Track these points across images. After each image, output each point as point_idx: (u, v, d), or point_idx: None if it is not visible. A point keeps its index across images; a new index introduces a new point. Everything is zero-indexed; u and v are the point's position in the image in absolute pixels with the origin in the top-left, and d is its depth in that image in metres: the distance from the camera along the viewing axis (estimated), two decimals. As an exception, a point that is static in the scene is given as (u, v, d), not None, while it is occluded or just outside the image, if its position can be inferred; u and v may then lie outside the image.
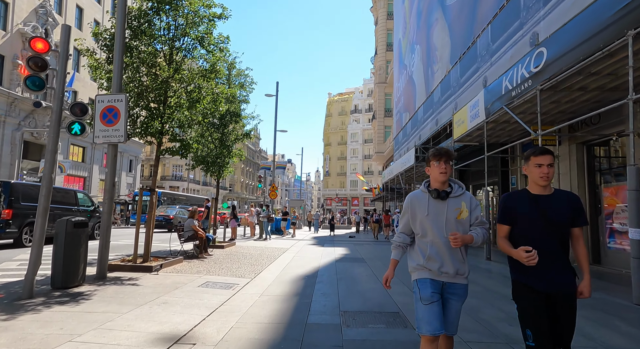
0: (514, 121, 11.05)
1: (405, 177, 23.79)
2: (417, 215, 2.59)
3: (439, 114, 18.49)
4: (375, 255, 11.86)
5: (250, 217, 17.80)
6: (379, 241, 18.67)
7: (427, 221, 2.54)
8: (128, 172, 43.92)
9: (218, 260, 9.45)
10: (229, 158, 12.69)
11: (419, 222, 2.59)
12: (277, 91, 25.37)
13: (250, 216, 17.81)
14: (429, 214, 2.54)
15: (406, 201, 2.73)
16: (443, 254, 2.56)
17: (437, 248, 2.56)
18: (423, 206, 2.57)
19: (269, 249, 12.72)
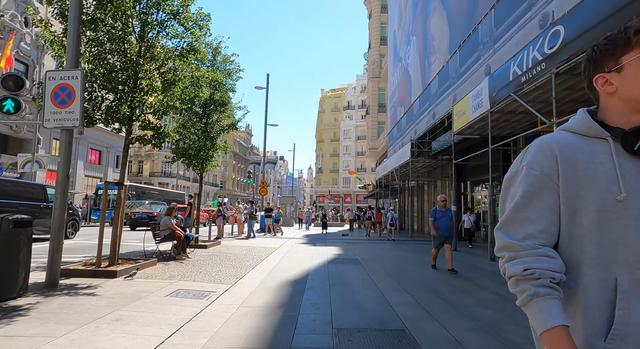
0: (521, 111, 10.28)
1: (401, 173, 23.02)
2: (588, 199, 0.98)
3: (436, 107, 17.69)
4: (371, 255, 11.02)
5: (238, 215, 16.84)
6: (372, 239, 17.87)
7: (625, 216, 0.96)
8: (115, 169, 42.58)
9: (198, 262, 8.53)
10: (212, 151, 11.73)
11: (593, 221, 0.98)
12: (267, 83, 24.39)
13: (238, 213, 16.85)
14: (630, 195, 0.96)
15: (535, 157, 1.05)
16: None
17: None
18: (605, 175, 0.98)
19: (256, 249, 11.82)
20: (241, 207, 16.93)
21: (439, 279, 7.17)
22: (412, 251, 12.46)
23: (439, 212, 8.31)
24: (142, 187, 31.69)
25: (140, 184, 63.90)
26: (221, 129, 11.81)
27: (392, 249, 12.97)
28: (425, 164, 21.17)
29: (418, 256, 11.11)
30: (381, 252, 12.10)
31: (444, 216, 8.28)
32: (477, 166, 16.51)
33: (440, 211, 8.33)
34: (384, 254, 11.35)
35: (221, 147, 11.96)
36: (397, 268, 8.62)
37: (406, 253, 11.76)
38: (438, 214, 8.29)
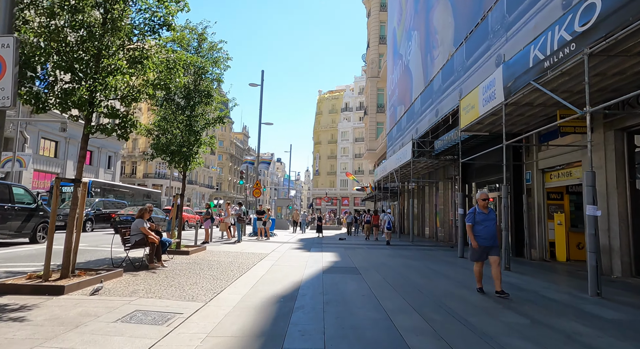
0: (539, 103, 9.25)
1: (401, 174, 21.98)
2: None
3: (440, 104, 16.68)
4: (371, 263, 9.94)
5: (226, 218, 15.72)
6: (371, 244, 16.80)
7: None
8: (106, 169, 41.46)
9: (173, 272, 7.42)
10: (197, 147, 10.63)
11: None
12: (262, 80, 23.32)
13: (227, 216, 15.73)
14: None
15: None
16: None
17: None
18: None
19: (244, 256, 10.71)
20: (229, 210, 15.81)
21: (452, 295, 6.10)
22: (416, 258, 11.38)
23: (480, 215, 6.24)
24: (109, 185, 27.46)
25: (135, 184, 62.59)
26: (206, 122, 10.71)
27: (394, 256, 11.89)
28: (427, 165, 20.14)
29: (423, 264, 10.03)
30: (382, 259, 11.02)
31: (487, 219, 6.21)
32: (483, 166, 15.48)
33: (481, 214, 6.24)
34: (385, 262, 10.27)
35: (207, 142, 10.86)
36: (402, 279, 7.54)
37: (409, 261, 10.69)
38: (478, 217, 6.25)
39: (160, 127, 10.45)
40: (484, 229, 6.17)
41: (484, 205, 6.30)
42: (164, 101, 10.33)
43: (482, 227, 6.17)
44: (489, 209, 6.34)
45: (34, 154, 30.97)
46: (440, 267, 9.42)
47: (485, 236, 6.16)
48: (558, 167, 10.97)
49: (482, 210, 6.28)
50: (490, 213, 6.30)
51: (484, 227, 6.17)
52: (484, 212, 6.26)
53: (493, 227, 6.19)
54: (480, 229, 6.19)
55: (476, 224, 6.23)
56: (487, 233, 6.16)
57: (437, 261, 10.78)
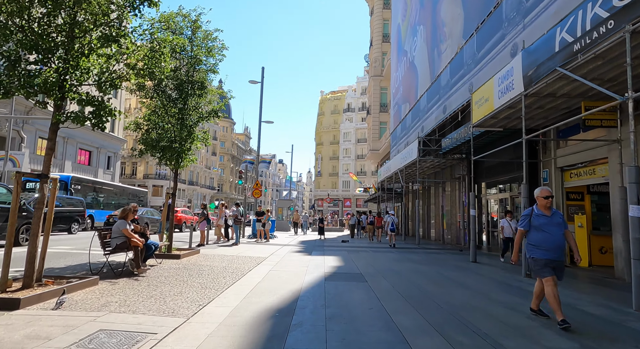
0: (562, 94, 8.43)
1: (406, 174, 21.16)
2: None
3: (448, 100, 15.90)
4: (377, 269, 9.14)
5: (219, 219, 14.91)
6: (375, 247, 16.00)
7: None
8: (106, 170, 40.91)
9: (157, 279, 6.64)
10: (190, 143, 9.88)
11: None
12: (262, 77, 22.59)
13: (220, 217, 14.91)
14: None
15: None
16: None
17: None
18: None
19: (240, 260, 9.93)
20: (223, 211, 14.99)
21: (475, 309, 5.29)
22: (425, 263, 10.57)
23: (539, 218, 4.62)
24: (91, 182, 24.67)
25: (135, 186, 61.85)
26: (200, 116, 9.95)
27: (401, 261, 11.09)
28: (433, 164, 19.33)
29: (434, 270, 9.22)
30: (388, 264, 10.22)
31: (550, 223, 4.56)
32: (494, 165, 14.68)
33: (541, 216, 4.63)
34: (392, 267, 9.46)
35: (200, 138, 10.10)
36: (414, 288, 6.74)
37: (419, 266, 9.88)
38: (537, 221, 4.62)
39: (151, 121, 9.71)
40: (546, 237, 4.51)
41: (546, 204, 4.64)
42: (154, 93, 9.58)
43: (544, 234, 4.53)
44: (553, 210, 4.69)
45: (31, 153, 30.35)
46: (453, 273, 8.61)
47: (547, 247, 4.47)
48: (579, 165, 10.15)
49: (544, 211, 4.64)
50: (554, 216, 4.63)
51: (546, 235, 4.51)
52: (545, 214, 4.62)
53: (559, 234, 4.54)
54: (539, 238, 4.55)
55: (534, 231, 4.62)
56: (551, 243, 4.47)
57: (448, 266, 9.98)
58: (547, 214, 4.63)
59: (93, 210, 22.50)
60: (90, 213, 21.89)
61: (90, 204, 22.67)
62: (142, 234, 7.50)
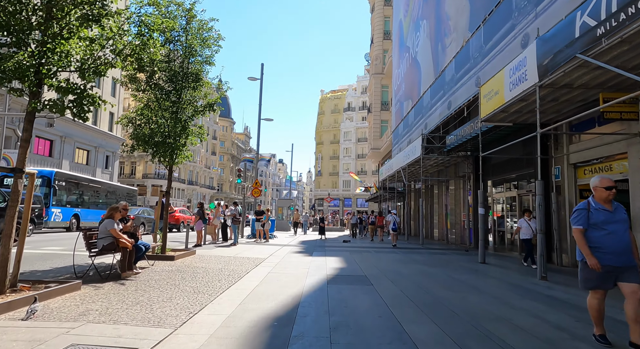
0: (580, 85, 7.93)
1: (409, 173, 20.68)
2: None
3: (453, 96, 15.40)
4: (382, 270, 8.64)
5: (214, 219, 14.39)
6: (377, 247, 15.50)
7: None
8: (104, 169, 40.45)
9: (146, 283, 6.15)
10: (184, 138, 9.39)
11: None
12: (261, 74, 22.11)
13: (216, 216, 14.38)
14: None
15: None
16: None
17: None
18: None
19: (237, 261, 9.43)
20: (219, 210, 14.46)
21: (495, 318, 4.80)
22: (432, 264, 10.07)
23: (600, 213, 3.72)
24: (77, 178, 22.40)
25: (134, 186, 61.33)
26: (195, 110, 9.46)
27: (406, 262, 10.59)
28: (437, 162, 18.85)
29: (442, 272, 8.73)
30: (393, 265, 9.72)
31: (613, 220, 3.69)
32: (501, 163, 14.18)
33: (601, 211, 3.72)
34: (398, 269, 8.97)
35: (195, 133, 9.60)
36: (424, 292, 6.24)
37: (426, 268, 9.38)
38: (596, 217, 3.71)
39: (144, 116, 9.22)
40: (610, 237, 3.63)
41: (608, 197, 3.72)
42: (146, 86, 9.09)
43: (606, 234, 3.65)
44: (615, 205, 3.77)
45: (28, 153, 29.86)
46: (464, 276, 8.11)
47: (612, 249, 3.61)
48: (595, 161, 9.66)
49: (604, 205, 3.73)
50: (617, 211, 3.74)
51: (609, 235, 3.63)
52: (607, 209, 3.72)
53: (625, 233, 3.67)
54: (601, 238, 3.66)
55: (593, 229, 3.71)
56: (616, 244, 3.60)
57: (457, 268, 9.48)
58: (608, 209, 3.72)
59: (79, 209, 21.52)
60: (75, 212, 20.83)
61: (75, 202, 21.55)
62: (132, 235, 7.01)
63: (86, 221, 21.46)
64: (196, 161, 70.83)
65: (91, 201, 23.50)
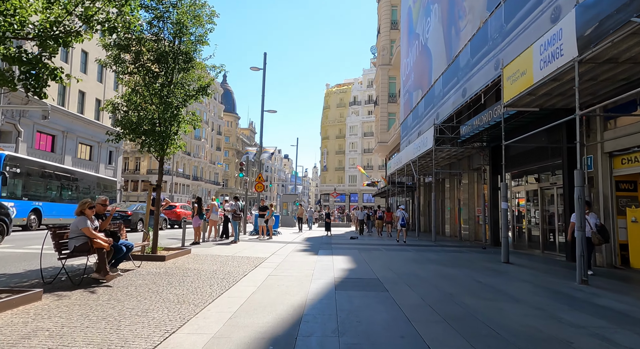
0: (627, 59, 6.87)
1: (419, 166, 19.65)
2: None
3: (468, 82, 14.32)
4: (396, 272, 7.70)
5: (212, 214, 13.51)
6: (387, 244, 14.56)
7: None
8: (107, 165, 39.94)
9: (124, 290, 5.27)
10: (176, 126, 8.48)
11: None
12: (264, 63, 21.14)
13: (213, 211, 13.49)
14: None
15: None
16: None
17: None
18: None
19: (235, 261, 8.55)
20: (216, 204, 13.55)
21: (548, 337, 3.85)
22: (450, 264, 9.11)
23: None
24: (37, 163, 18.35)
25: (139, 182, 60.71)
26: (186, 94, 8.53)
27: (421, 261, 9.65)
28: (449, 154, 17.80)
29: (465, 274, 7.77)
30: (407, 265, 8.78)
31: None
32: (522, 153, 13.14)
33: None
34: (413, 270, 8.02)
35: (187, 120, 8.69)
36: (449, 300, 5.29)
37: (444, 268, 8.42)
38: None
39: (131, 102, 8.32)
40: None
41: None
42: (132, 67, 8.18)
43: None
44: None
45: (28, 148, 29.27)
46: (490, 279, 7.15)
47: None
48: (635, 148, 8.60)
49: None
50: None
51: None
52: None
53: None
54: None
55: None
56: None
57: (479, 268, 8.51)
58: None
59: (40, 203, 17.70)
60: (35, 207, 17.25)
61: (36, 194, 17.65)
62: (112, 234, 6.13)
63: (51, 217, 18.33)
64: (201, 156, 70.26)
65: (58, 193, 19.64)
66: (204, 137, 71.70)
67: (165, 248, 9.30)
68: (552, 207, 11.89)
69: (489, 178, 15.32)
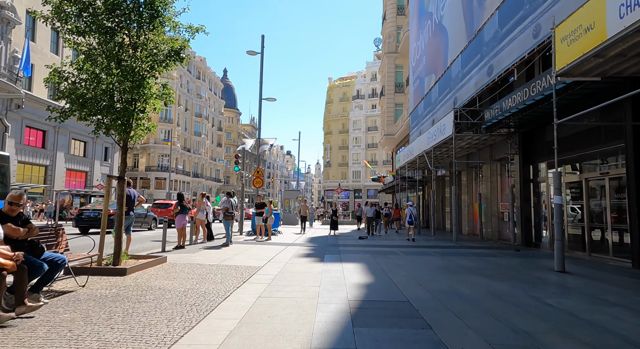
0: None
1: (436, 156, 17.64)
2: None
3: (496, 57, 12.35)
4: (430, 288, 5.80)
5: (200, 213, 11.63)
6: (404, 246, 12.65)
7: None
8: (103, 161, 38.35)
9: (30, 332, 3.41)
10: (142, 102, 6.59)
11: None
12: (262, 47, 19.20)
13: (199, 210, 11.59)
14: None
15: None
16: None
17: None
18: None
19: (220, 273, 6.67)
20: (204, 202, 11.64)
21: None
22: (493, 275, 7.20)
23: None
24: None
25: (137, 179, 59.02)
26: (154, 60, 6.62)
27: (454, 271, 7.74)
28: (469, 143, 15.81)
29: (522, 291, 5.86)
30: (440, 277, 6.87)
31: None
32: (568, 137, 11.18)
33: None
34: (451, 285, 6.11)
35: (157, 94, 6.79)
36: (532, 346, 3.39)
37: (489, 281, 6.51)
38: None
39: (84, 71, 6.44)
40: None
41: None
42: (79, 22, 6.28)
43: None
44: None
45: (16, 144, 27.56)
46: (563, 300, 5.23)
47: None
48: None
49: None
50: None
51: None
52: None
53: None
54: None
55: None
56: None
57: (534, 281, 6.60)
58: None
59: None
60: None
61: None
62: (30, 245, 4.27)
63: None
64: (201, 152, 68.46)
65: None
66: (204, 133, 69.91)
67: (134, 256, 7.45)
68: (603, 201, 9.93)
69: (518, 169, 13.37)
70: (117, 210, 6.82)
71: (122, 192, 6.86)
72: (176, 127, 60.13)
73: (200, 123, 68.93)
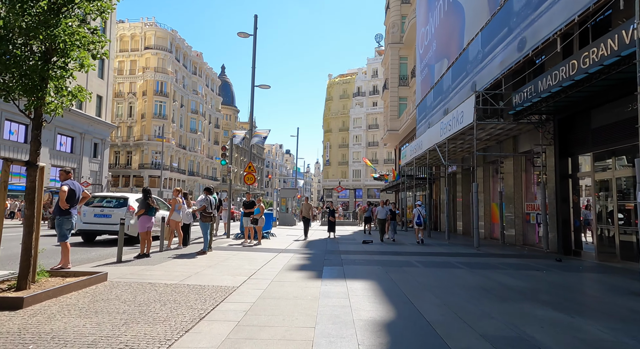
0: None
1: (448, 150, 15.54)
2: None
3: (530, 27, 10.29)
4: (480, 328, 3.74)
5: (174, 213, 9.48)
6: (417, 253, 10.59)
7: None
8: (92, 158, 36.29)
9: None
10: (60, 56, 4.52)
11: None
12: (255, 29, 17.11)
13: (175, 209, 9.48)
14: None
15: None
16: None
17: None
18: None
19: (170, 302, 4.59)
20: (179, 200, 9.54)
21: None
22: (556, 302, 5.14)
23: None
24: None
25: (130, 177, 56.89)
26: None
27: (501, 294, 5.68)
28: (491, 133, 13.73)
29: (617, 334, 3.79)
30: (489, 308, 4.81)
31: None
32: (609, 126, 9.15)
33: None
34: (517, 326, 4.05)
35: (81, 43, 4.71)
36: None
37: (570, 319, 4.46)
38: None
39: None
40: None
41: None
42: None
43: None
44: None
45: (0, 138, 25.65)
46: None
47: None
48: None
49: None
50: None
51: None
52: None
53: None
54: None
55: None
56: None
57: (620, 313, 4.54)
58: None
59: None
60: None
61: None
62: None
63: None
64: (197, 150, 66.33)
65: None
66: (201, 130, 67.82)
67: (61, 273, 5.38)
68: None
69: (554, 162, 11.31)
70: (26, 210, 4.73)
71: (32, 184, 4.78)
72: (171, 124, 58.08)
73: (197, 120, 66.83)
